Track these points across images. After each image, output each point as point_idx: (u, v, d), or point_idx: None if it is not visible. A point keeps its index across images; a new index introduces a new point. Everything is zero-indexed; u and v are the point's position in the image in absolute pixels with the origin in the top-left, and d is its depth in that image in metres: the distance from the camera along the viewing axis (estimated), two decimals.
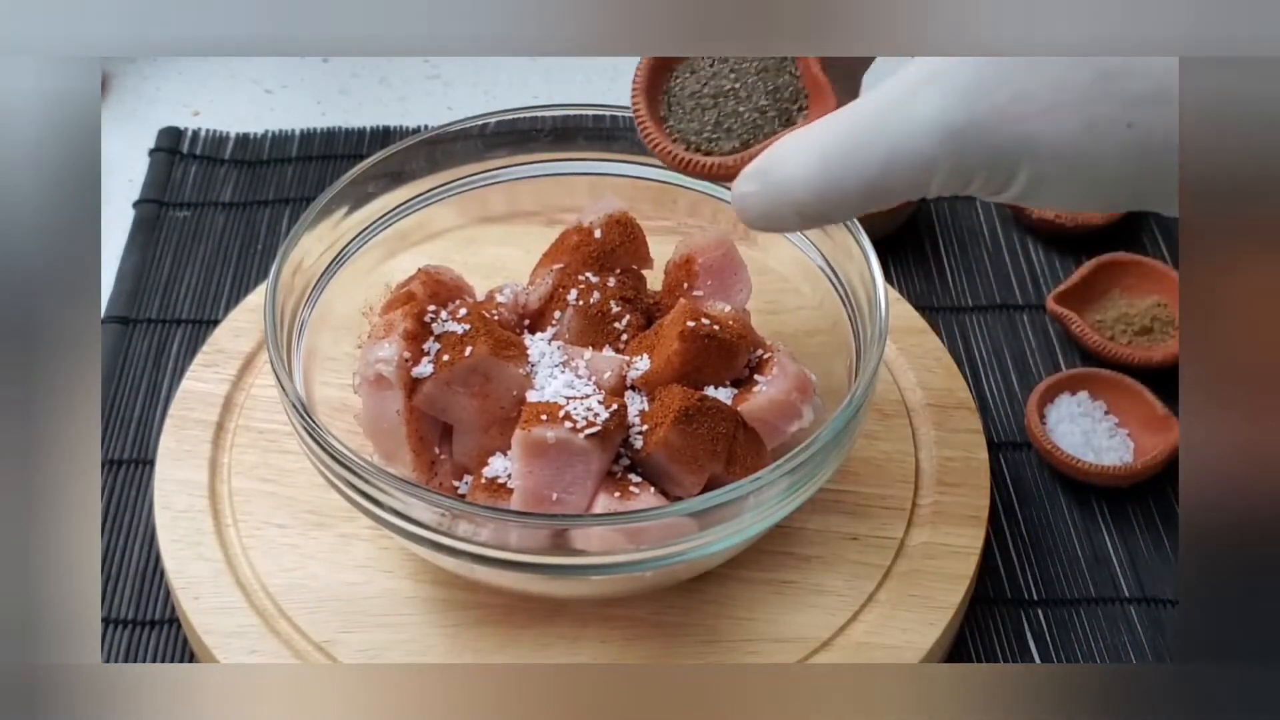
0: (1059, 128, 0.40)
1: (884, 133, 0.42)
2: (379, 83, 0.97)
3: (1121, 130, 0.40)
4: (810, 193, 0.44)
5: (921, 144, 0.41)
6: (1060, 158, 0.41)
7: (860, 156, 0.42)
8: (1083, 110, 0.40)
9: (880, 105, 0.42)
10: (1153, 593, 0.66)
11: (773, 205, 0.45)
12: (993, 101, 0.41)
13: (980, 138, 0.41)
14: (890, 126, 0.42)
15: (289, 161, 0.89)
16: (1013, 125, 0.41)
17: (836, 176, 0.43)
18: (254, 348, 0.71)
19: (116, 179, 0.88)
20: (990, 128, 0.41)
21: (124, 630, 0.64)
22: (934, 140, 0.41)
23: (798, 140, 0.45)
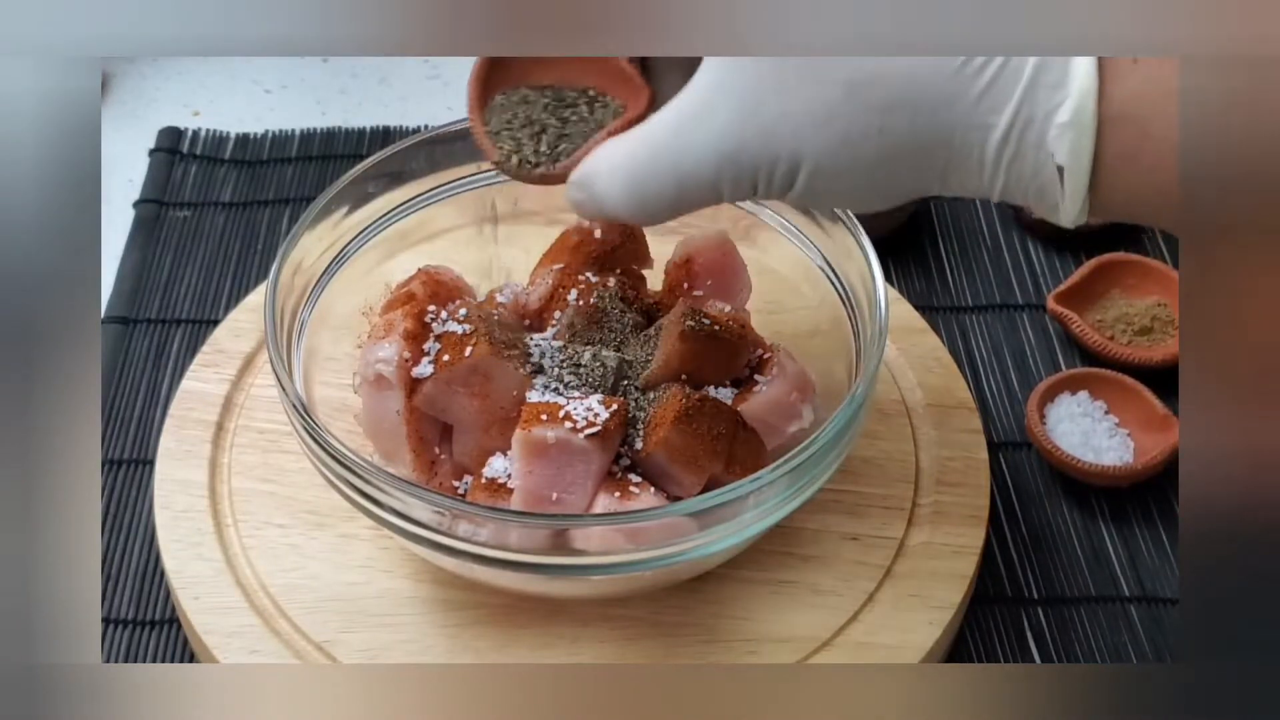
0: (818, 141, 0.45)
1: (672, 159, 0.48)
2: (379, 83, 0.97)
3: (874, 138, 0.45)
4: (623, 209, 0.50)
5: (704, 169, 0.47)
6: (827, 166, 0.46)
7: (657, 182, 0.48)
8: (835, 123, 0.45)
9: (669, 130, 0.48)
10: (1153, 592, 0.66)
11: (599, 212, 0.51)
12: (758, 124, 0.46)
13: (751, 158, 0.46)
14: (677, 153, 0.47)
15: (289, 161, 0.89)
16: (777, 144, 0.46)
17: (640, 197, 0.49)
18: (254, 348, 0.71)
19: (116, 179, 0.88)
20: (757, 148, 0.46)
21: (124, 630, 0.64)
22: (713, 164, 0.47)
23: (608, 156, 0.50)
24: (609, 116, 0.53)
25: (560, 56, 0.53)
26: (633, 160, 0.49)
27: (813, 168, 0.46)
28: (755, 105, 0.46)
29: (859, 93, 0.44)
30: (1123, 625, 0.65)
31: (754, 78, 0.46)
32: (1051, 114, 0.43)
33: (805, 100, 0.45)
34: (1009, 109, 0.44)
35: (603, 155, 0.50)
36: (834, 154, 0.45)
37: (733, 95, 0.46)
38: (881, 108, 0.44)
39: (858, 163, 0.46)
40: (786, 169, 0.46)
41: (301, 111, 0.94)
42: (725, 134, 0.46)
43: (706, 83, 0.47)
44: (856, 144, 0.45)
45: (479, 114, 0.54)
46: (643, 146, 0.49)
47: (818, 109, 0.45)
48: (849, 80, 0.44)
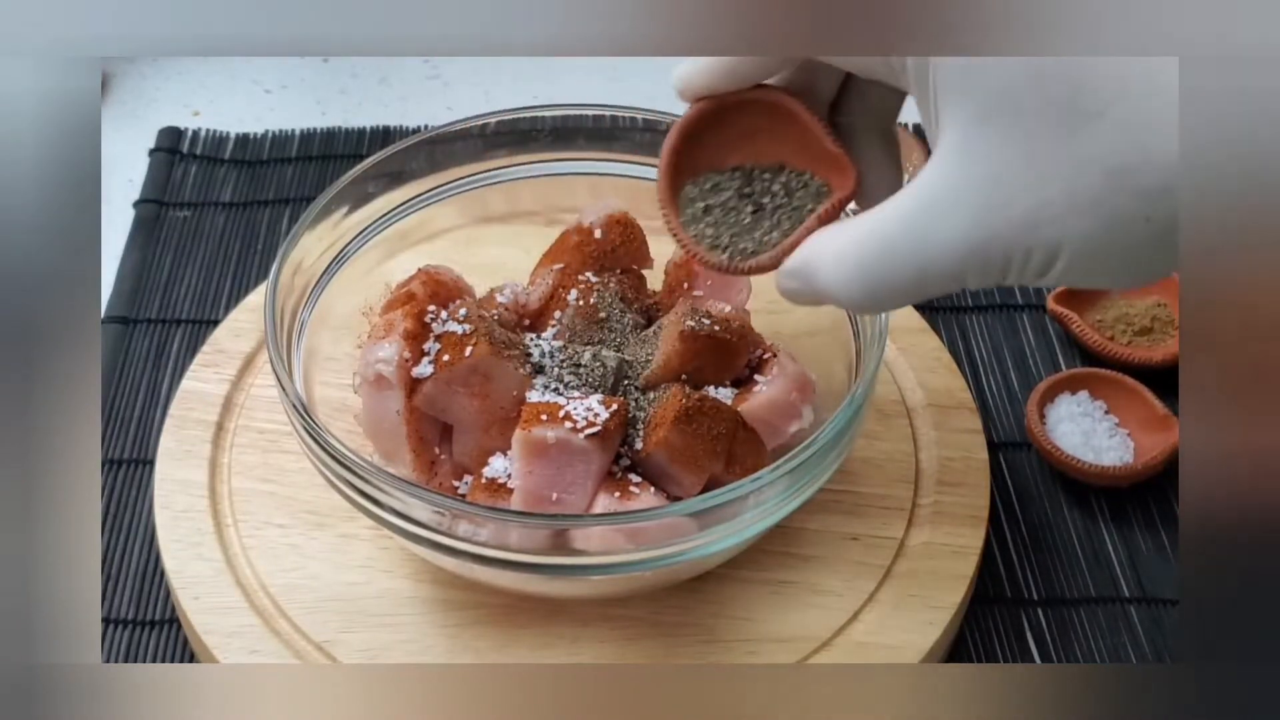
0: (1079, 231, 0.42)
1: (912, 251, 0.44)
2: (379, 83, 0.97)
3: (1141, 225, 0.41)
4: (852, 303, 0.47)
5: (948, 261, 0.44)
6: (1086, 255, 0.42)
7: (893, 274, 0.45)
8: (1098, 212, 0.41)
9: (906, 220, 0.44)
10: (1153, 593, 0.66)
11: (818, 301, 0.48)
12: (1008, 216, 0.42)
13: (1003, 249, 0.43)
14: (916, 245, 0.44)
15: (289, 161, 0.89)
16: (1030, 234, 0.42)
17: (873, 290, 0.46)
18: (254, 348, 0.71)
19: (116, 179, 0.88)
20: (1010, 240, 0.42)
21: (124, 630, 0.64)
22: (959, 257, 0.43)
23: (832, 245, 0.47)
24: (810, 198, 0.50)
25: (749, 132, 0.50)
26: (862, 251, 0.45)
27: (1072, 255, 0.42)
28: (1004, 197, 0.42)
29: (1123, 178, 0.41)
30: (1123, 626, 0.65)
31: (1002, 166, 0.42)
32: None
33: (1062, 189, 0.41)
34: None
35: (823, 245, 0.47)
36: (1097, 241, 0.42)
37: (979, 185, 0.43)
38: (1149, 193, 0.41)
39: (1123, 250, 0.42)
40: (1043, 258, 0.43)
41: (301, 111, 0.94)
42: (973, 226, 0.43)
43: (945, 171, 0.43)
44: (1121, 233, 0.41)
45: (673, 206, 0.51)
46: (874, 238, 0.45)
47: (1078, 199, 0.41)
48: (1108, 164, 0.41)
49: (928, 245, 0.44)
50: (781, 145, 0.50)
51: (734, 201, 0.51)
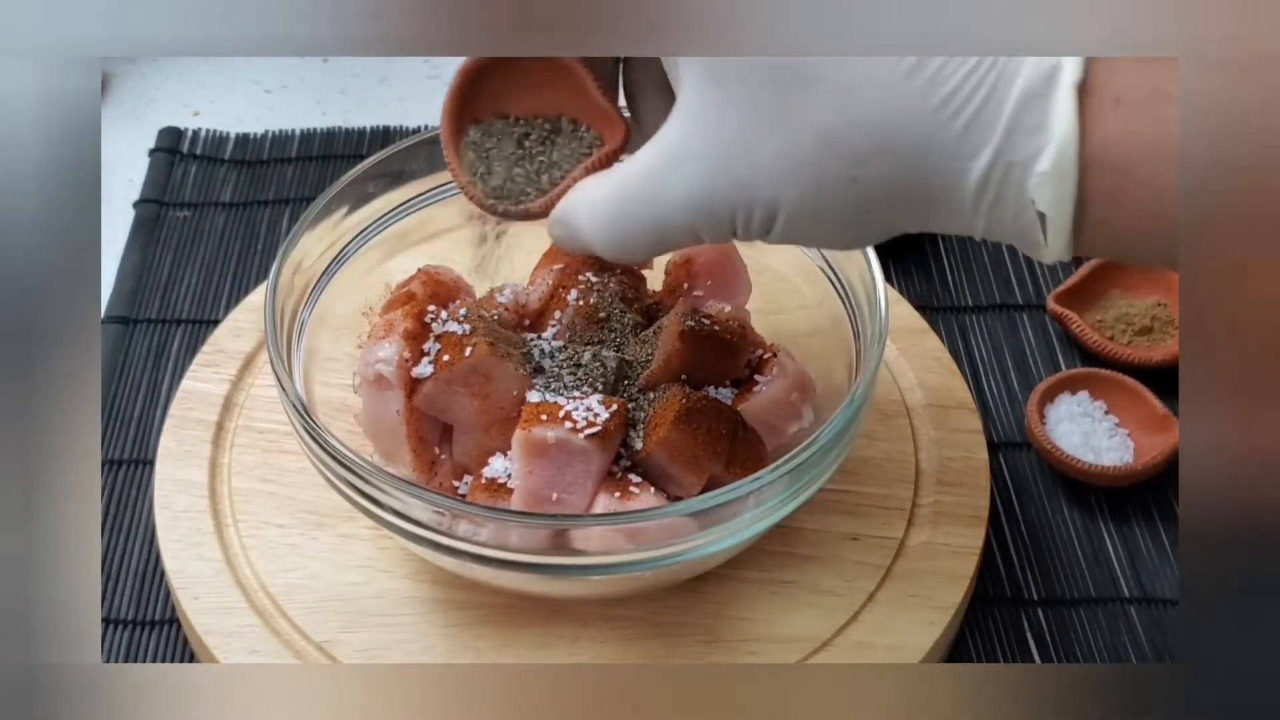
0: (792, 190, 0.45)
1: (652, 205, 0.48)
2: (379, 83, 0.97)
3: (849, 186, 0.44)
4: (605, 249, 0.50)
5: (681, 216, 0.47)
6: (803, 213, 0.45)
7: (637, 225, 0.48)
8: (808, 173, 0.44)
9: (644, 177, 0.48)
10: (1153, 593, 0.66)
11: (581, 248, 0.51)
12: (729, 175, 0.45)
13: (726, 206, 0.46)
14: (652, 200, 0.48)
15: (289, 161, 0.89)
16: (749, 192, 0.45)
17: (621, 239, 0.49)
18: (254, 348, 0.71)
19: (116, 179, 0.88)
20: (730, 198, 0.46)
21: (124, 630, 0.64)
22: (689, 212, 0.47)
23: (587, 197, 0.50)
24: (583, 148, 0.53)
25: (532, 84, 0.53)
26: (611, 204, 0.49)
27: (789, 214, 0.45)
28: (726, 156, 0.45)
29: (831, 143, 0.43)
30: (1123, 626, 0.65)
31: (725, 127, 0.45)
32: (1032, 160, 0.42)
33: (777, 150, 0.44)
34: (987, 154, 0.42)
35: (582, 195, 0.51)
36: (809, 202, 0.45)
37: (704, 145, 0.46)
38: (855, 158, 0.43)
39: (834, 209, 0.45)
40: (763, 215, 0.46)
41: (301, 111, 0.94)
42: (698, 184, 0.46)
43: (679, 129, 0.47)
44: (831, 192, 0.44)
45: (454, 149, 0.54)
46: (620, 190, 0.49)
47: (790, 159, 0.44)
48: (820, 128, 0.43)
49: (662, 200, 0.47)
50: (561, 97, 0.53)
51: (512, 148, 0.54)
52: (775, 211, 0.45)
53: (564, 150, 0.53)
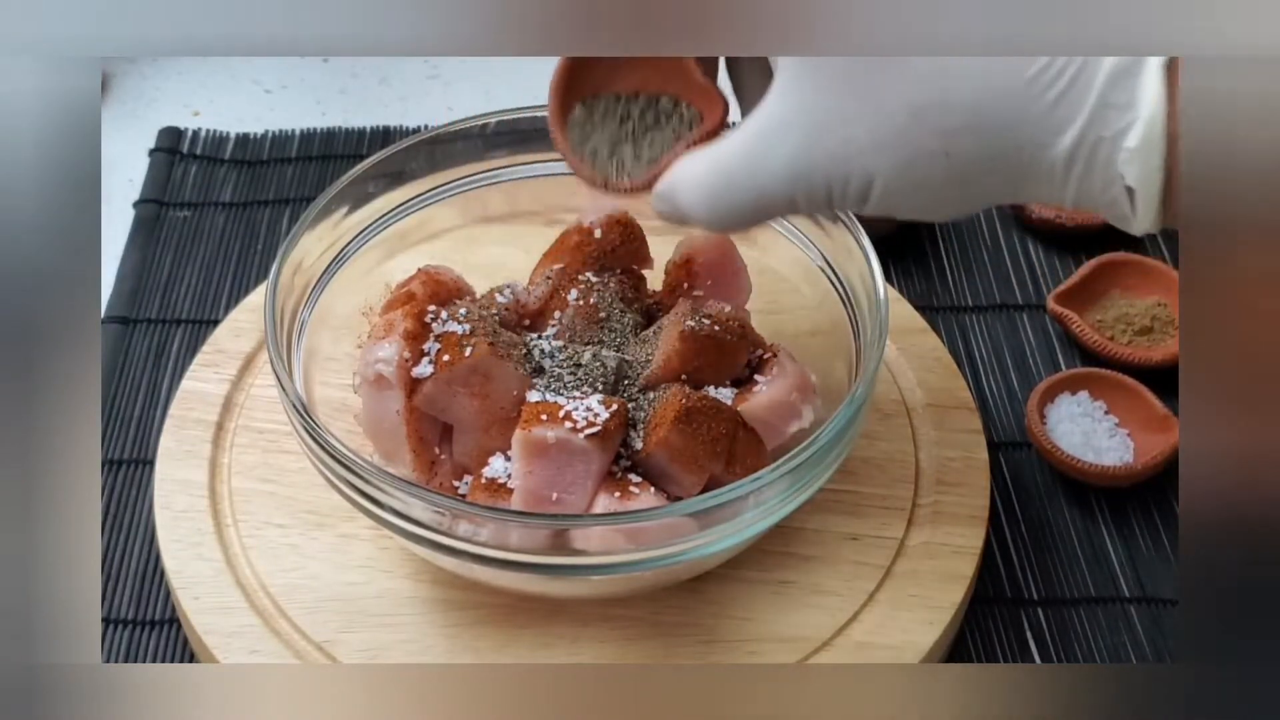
0: (885, 164, 0.46)
1: (750, 177, 0.49)
2: (379, 83, 0.97)
3: (941, 160, 0.46)
4: (706, 220, 0.52)
5: (780, 186, 0.49)
6: (896, 185, 0.47)
7: (737, 197, 0.50)
8: (901, 148, 0.46)
9: (742, 150, 0.50)
10: (1153, 593, 0.66)
11: (684, 221, 0.53)
12: (825, 147, 0.47)
13: (823, 178, 0.48)
14: (751, 173, 0.49)
15: (289, 161, 0.89)
16: (844, 165, 0.47)
17: (723, 210, 0.51)
18: (254, 348, 0.71)
19: (116, 179, 0.88)
20: (828, 168, 0.47)
21: (124, 630, 0.64)
22: (786, 183, 0.48)
23: (689, 172, 0.52)
24: (684, 126, 0.54)
25: (634, 64, 0.55)
26: (712, 177, 0.50)
27: (884, 186, 0.47)
28: (821, 130, 0.47)
29: (923, 117, 0.45)
30: (1123, 625, 0.65)
31: (820, 102, 0.47)
32: (1120, 136, 0.43)
33: (870, 125, 0.46)
34: (1075, 130, 0.43)
35: (684, 170, 0.52)
36: (902, 175, 0.46)
37: (800, 118, 0.47)
38: (946, 131, 0.45)
39: (928, 182, 0.46)
40: (859, 186, 0.47)
41: (301, 111, 0.94)
42: (795, 156, 0.48)
43: (775, 105, 0.48)
44: (924, 166, 0.46)
45: (561, 127, 0.55)
46: (719, 164, 0.50)
47: (883, 134, 0.46)
48: (912, 105, 0.45)
49: (760, 172, 0.49)
50: (662, 76, 0.55)
51: (615, 126, 0.55)
52: (870, 183, 0.47)
53: (665, 128, 0.55)
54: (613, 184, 0.55)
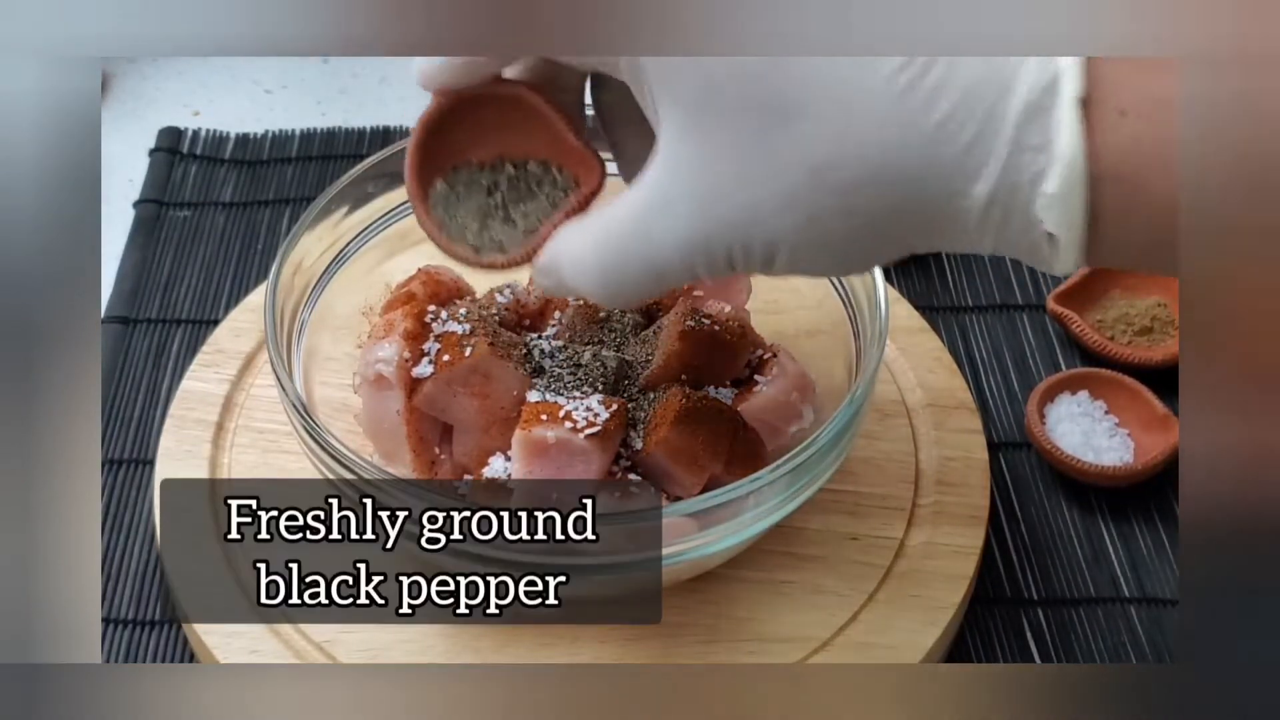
0: (787, 226, 0.43)
1: (643, 251, 0.45)
2: (379, 83, 0.97)
3: (845, 218, 0.42)
4: (597, 296, 0.48)
5: (676, 257, 0.45)
6: (800, 247, 0.43)
7: (630, 271, 0.46)
8: (803, 209, 0.42)
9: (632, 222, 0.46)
10: (1153, 593, 0.66)
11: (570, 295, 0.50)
12: (720, 214, 0.43)
13: (723, 245, 0.44)
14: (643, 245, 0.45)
15: (289, 161, 0.89)
16: (744, 231, 0.43)
17: (614, 286, 0.47)
18: (254, 348, 0.71)
19: (116, 179, 0.88)
20: (726, 236, 0.44)
21: (124, 630, 0.64)
22: (683, 253, 0.45)
23: (572, 245, 0.48)
24: (559, 192, 0.51)
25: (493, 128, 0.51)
26: (600, 252, 0.47)
27: (789, 250, 0.44)
28: (717, 195, 0.43)
29: (824, 177, 0.41)
30: (1123, 626, 0.65)
31: (713, 166, 0.43)
32: (1038, 179, 0.40)
33: (768, 188, 0.42)
34: (990, 177, 0.41)
35: (566, 244, 0.49)
36: (806, 237, 0.43)
37: (693, 185, 0.44)
38: (847, 189, 0.42)
39: (834, 241, 0.43)
40: (762, 252, 0.44)
41: (301, 111, 0.94)
42: (690, 225, 0.44)
43: (664, 170, 0.45)
44: (828, 225, 0.42)
45: (423, 206, 0.51)
46: (608, 238, 0.47)
47: (782, 197, 0.42)
48: (811, 164, 0.42)
49: (653, 243, 0.45)
50: (529, 140, 0.51)
51: (483, 196, 0.51)
52: (774, 246, 0.44)
53: (539, 196, 0.51)
54: (488, 260, 0.51)
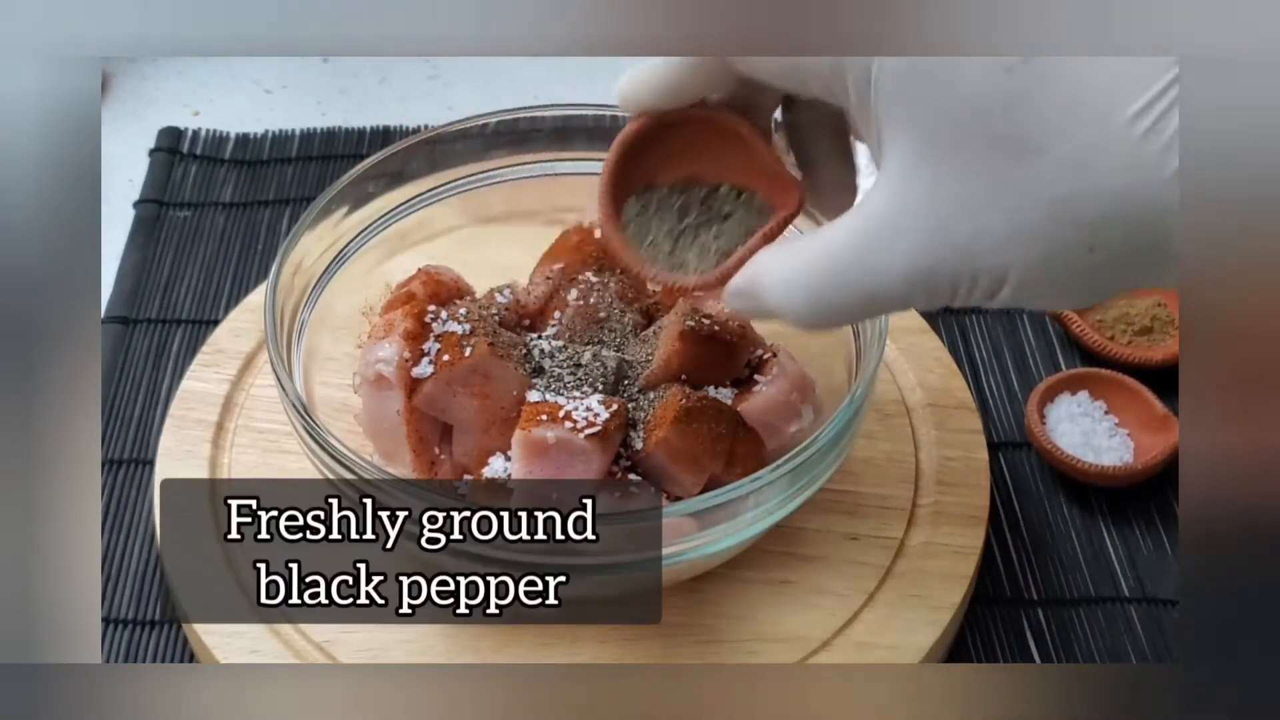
0: (1022, 260, 0.41)
1: (858, 279, 0.44)
2: (379, 83, 0.97)
3: (1084, 254, 0.41)
4: (801, 323, 0.47)
5: (896, 286, 0.44)
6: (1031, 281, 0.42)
7: (844, 297, 0.45)
8: (1041, 242, 0.41)
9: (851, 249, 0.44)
10: (1153, 593, 0.66)
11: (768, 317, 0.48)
12: (952, 243, 0.42)
13: (948, 277, 0.43)
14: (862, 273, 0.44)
15: (289, 161, 0.89)
16: (974, 262, 0.42)
17: (822, 313, 0.46)
18: (254, 348, 0.71)
19: (116, 179, 0.88)
20: (954, 266, 0.42)
21: (124, 630, 0.64)
22: (904, 284, 0.43)
23: (779, 268, 0.47)
24: (752, 215, 0.50)
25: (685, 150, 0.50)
26: (812, 277, 0.46)
27: (1018, 281, 0.42)
28: (949, 225, 0.42)
29: (1065, 213, 0.40)
30: (1123, 626, 0.65)
31: (946, 195, 0.42)
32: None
33: (1005, 220, 0.41)
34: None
35: (772, 266, 0.47)
36: (1040, 270, 0.42)
37: (923, 213, 0.43)
38: (1091, 225, 0.40)
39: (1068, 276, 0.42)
40: (989, 283, 0.43)
41: (301, 111, 0.94)
42: (917, 254, 0.43)
43: (890, 196, 0.43)
44: (1065, 260, 0.41)
45: (614, 222, 0.50)
46: (822, 262, 0.45)
47: (1020, 230, 0.41)
48: (1052, 200, 0.40)
49: (873, 272, 0.44)
50: (724, 163, 0.50)
51: (675, 218, 0.50)
52: (1003, 280, 0.42)
53: (732, 219, 0.50)
54: (680, 281, 0.50)
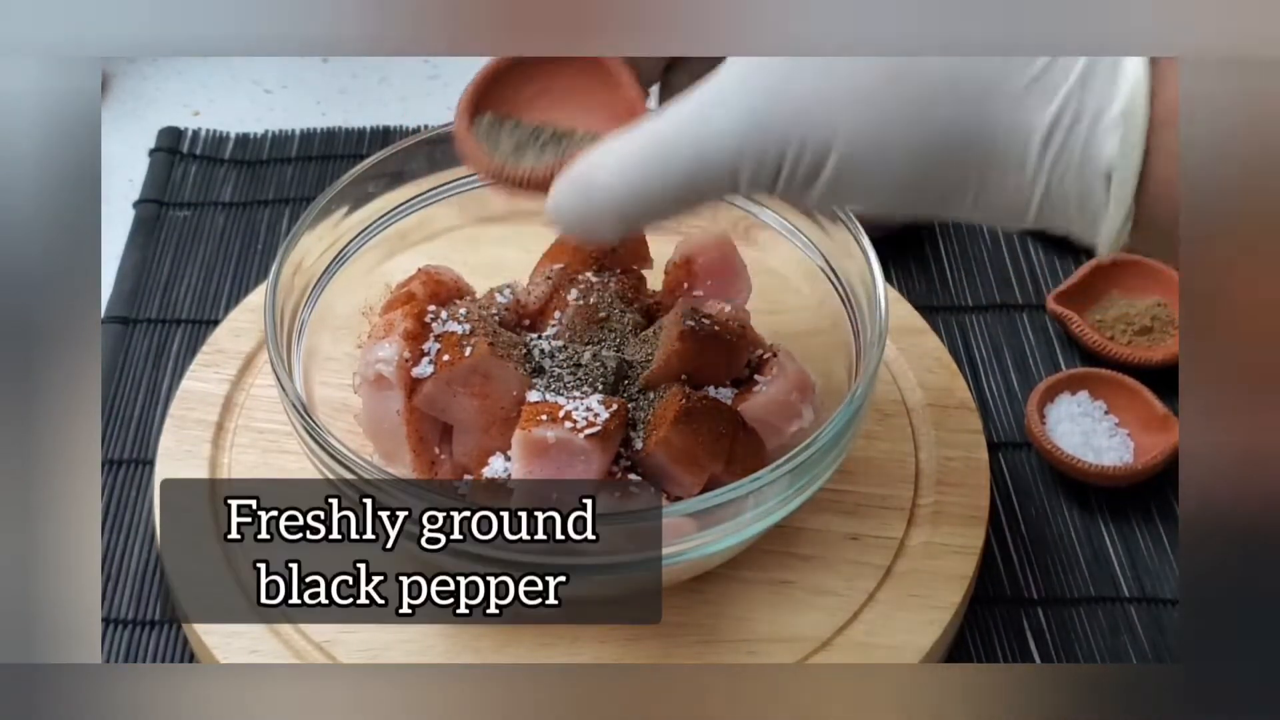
0: (853, 123, 0.43)
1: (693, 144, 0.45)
2: (379, 83, 0.97)
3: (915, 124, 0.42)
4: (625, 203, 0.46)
5: (727, 140, 0.44)
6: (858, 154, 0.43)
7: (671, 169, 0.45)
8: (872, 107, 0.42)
9: (692, 108, 0.45)
10: (1153, 593, 0.66)
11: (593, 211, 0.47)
12: (790, 98, 0.43)
13: (778, 136, 0.43)
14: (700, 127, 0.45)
15: (289, 161, 0.89)
16: (807, 122, 0.43)
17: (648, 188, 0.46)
18: (254, 348, 0.71)
19: (116, 179, 0.88)
20: (786, 125, 0.43)
21: (124, 630, 0.64)
22: (739, 135, 0.44)
23: (615, 147, 0.47)
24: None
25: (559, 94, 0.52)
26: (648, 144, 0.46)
27: (843, 155, 0.43)
28: (788, 79, 0.43)
29: (900, 79, 0.42)
30: (1123, 625, 0.65)
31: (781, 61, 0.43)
32: (1102, 110, 0.41)
33: (843, 80, 0.43)
34: (1056, 102, 0.42)
35: (608, 147, 0.47)
36: (868, 140, 0.43)
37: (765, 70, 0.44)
38: (923, 96, 0.42)
39: (892, 154, 0.43)
40: (814, 155, 0.43)
41: (301, 111, 0.94)
42: (754, 108, 0.44)
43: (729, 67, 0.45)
44: (893, 131, 0.43)
45: (466, 124, 0.53)
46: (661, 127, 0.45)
47: (856, 90, 0.42)
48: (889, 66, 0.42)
49: (705, 136, 0.44)
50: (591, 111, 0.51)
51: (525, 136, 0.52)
52: (829, 149, 0.43)
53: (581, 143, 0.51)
54: (509, 172, 0.51)
